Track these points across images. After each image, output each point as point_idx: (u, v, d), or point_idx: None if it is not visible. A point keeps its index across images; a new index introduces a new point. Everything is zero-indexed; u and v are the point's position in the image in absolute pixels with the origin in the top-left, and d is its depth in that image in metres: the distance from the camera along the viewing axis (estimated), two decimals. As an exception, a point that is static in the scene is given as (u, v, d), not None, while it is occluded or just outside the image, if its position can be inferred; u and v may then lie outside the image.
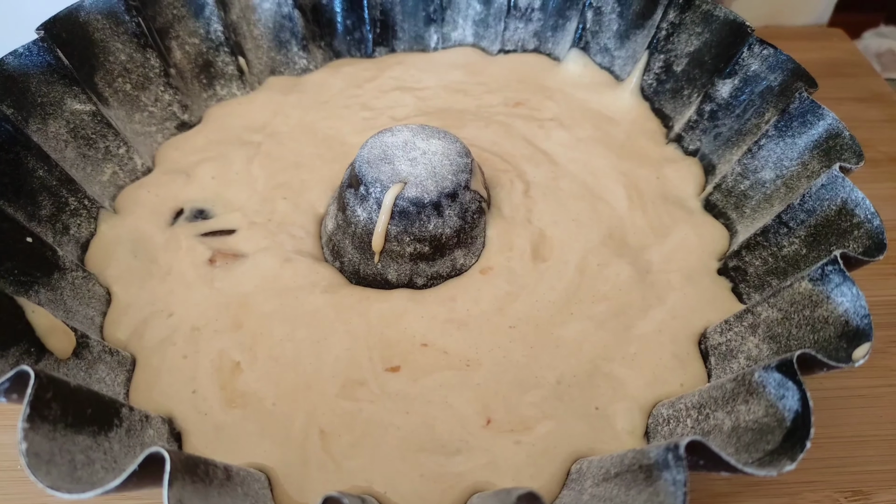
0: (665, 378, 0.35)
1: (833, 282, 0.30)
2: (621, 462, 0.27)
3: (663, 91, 0.48)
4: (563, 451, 0.32)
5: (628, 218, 0.42)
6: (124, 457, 0.27)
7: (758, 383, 0.28)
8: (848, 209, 0.33)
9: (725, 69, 0.43)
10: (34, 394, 0.23)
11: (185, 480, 0.23)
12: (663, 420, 0.33)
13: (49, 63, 0.38)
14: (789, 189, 0.38)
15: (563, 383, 0.35)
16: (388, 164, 0.38)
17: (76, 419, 0.25)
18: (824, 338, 0.30)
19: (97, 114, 0.41)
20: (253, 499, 0.28)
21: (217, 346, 0.36)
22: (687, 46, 0.46)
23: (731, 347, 0.35)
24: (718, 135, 0.44)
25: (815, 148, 0.37)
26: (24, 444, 0.22)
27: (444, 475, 0.31)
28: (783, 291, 0.33)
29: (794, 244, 0.36)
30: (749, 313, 0.35)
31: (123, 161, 0.43)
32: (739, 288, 0.39)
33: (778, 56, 0.41)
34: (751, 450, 0.27)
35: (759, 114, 0.42)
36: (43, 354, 0.31)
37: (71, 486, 0.23)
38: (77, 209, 0.39)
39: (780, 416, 0.27)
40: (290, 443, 0.32)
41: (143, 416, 0.30)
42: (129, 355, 0.35)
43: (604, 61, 0.51)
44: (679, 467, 0.23)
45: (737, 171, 0.42)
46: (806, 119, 0.38)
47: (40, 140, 0.37)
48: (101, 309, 0.37)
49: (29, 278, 0.33)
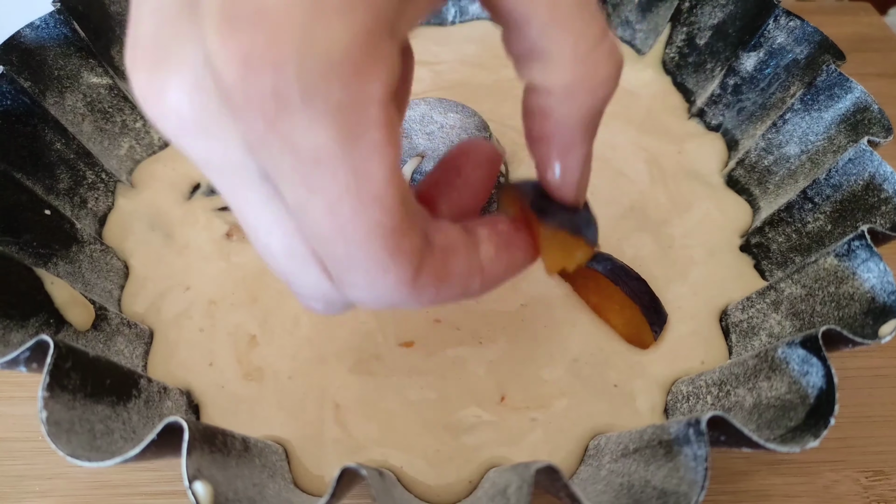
0: (685, 355, 0.35)
1: (859, 257, 0.30)
2: (640, 438, 0.27)
3: (686, 65, 0.47)
4: (581, 427, 0.32)
5: (649, 193, 0.41)
6: (143, 427, 0.27)
7: (781, 359, 0.28)
8: (875, 184, 0.32)
9: (750, 42, 0.42)
10: (53, 363, 0.23)
11: (203, 450, 0.23)
12: (682, 397, 0.32)
13: (66, 36, 0.38)
14: (814, 164, 0.38)
15: (580, 361, 0.34)
16: (406, 137, 0.38)
17: (95, 389, 0.26)
18: (849, 314, 0.30)
19: (114, 87, 0.41)
20: (270, 470, 0.28)
21: (233, 319, 0.36)
22: (711, 19, 0.45)
23: (753, 324, 0.34)
24: (742, 109, 0.43)
25: (842, 122, 0.36)
26: (45, 413, 0.23)
27: (461, 450, 0.31)
28: (807, 267, 0.32)
29: (818, 220, 0.35)
30: (772, 290, 0.34)
31: (140, 135, 0.43)
32: (762, 265, 0.38)
33: (805, 28, 0.39)
34: (773, 426, 0.27)
35: (784, 87, 0.41)
36: (62, 326, 0.31)
37: (91, 454, 0.23)
38: (94, 183, 0.39)
39: (804, 393, 0.26)
40: (305, 416, 0.32)
41: (161, 387, 0.30)
42: (147, 328, 0.35)
43: (625, 35, 0.50)
44: (700, 443, 0.23)
45: (760, 147, 0.41)
46: (833, 92, 0.37)
47: (58, 113, 0.37)
48: (118, 282, 0.37)
49: (48, 251, 0.33)
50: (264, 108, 0.15)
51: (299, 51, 0.14)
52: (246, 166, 0.17)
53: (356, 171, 0.16)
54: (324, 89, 0.15)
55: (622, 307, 0.35)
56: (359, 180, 0.16)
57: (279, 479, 0.29)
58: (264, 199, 0.18)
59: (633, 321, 0.34)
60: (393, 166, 0.17)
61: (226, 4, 0.15)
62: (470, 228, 0.22)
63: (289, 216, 0.18)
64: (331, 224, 0.17)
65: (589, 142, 0.21)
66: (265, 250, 0.19)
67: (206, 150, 0.17)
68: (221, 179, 0.18)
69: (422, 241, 0.19)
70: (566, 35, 0.18)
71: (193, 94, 0.16)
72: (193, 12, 0.16)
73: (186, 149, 0.18)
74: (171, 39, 0.16)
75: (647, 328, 0.34)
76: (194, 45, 0.16)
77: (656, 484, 0.24)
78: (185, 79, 0.16)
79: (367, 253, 0.17)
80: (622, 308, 0.35)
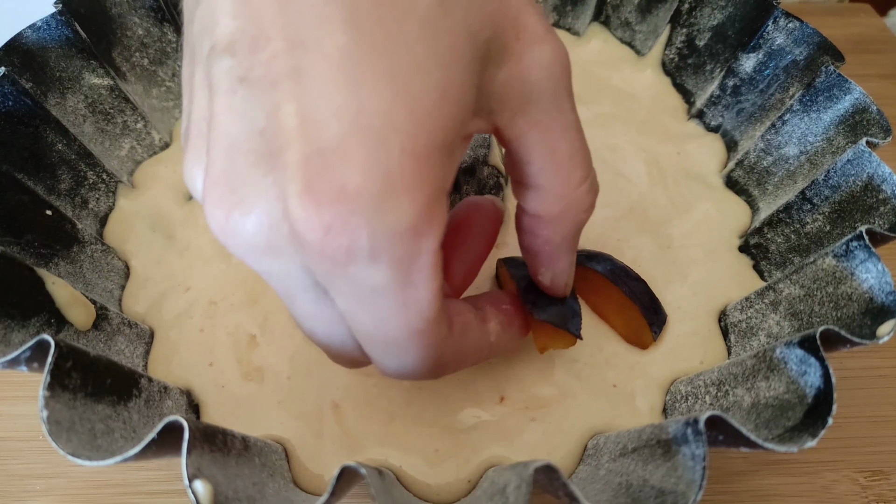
0: (684, 355, 0.35)
1: (858, 258, 0.30)
2: (639, 437, 0.27)
3: (685, 66, 0.47)
4: (580, 427, 0.32)
5: (649, 194, 0.42)
6: (143, 427, 0.27)
7: (779, 359, 0.28)
8: (874, 185, 0.33)
9: (749, 43, 0.42)
10: (54, 362, 0.24)
11: (203, 449, 0.23)
12: (681, 397, 0.32)
13: (67, 37, 0.38)
14: (813, 165, 0.38)
15: (579, 361, 0.34)
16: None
17: (96, 388, 0.26)
18: (847, 315, 0.30)
19: (115, 88, 0.41)
20: (270, 469, 0.29)
21: (234, 320, 0.36)
22: (710, 20, 0.45)
23: (752, 325, 0.34)
24: (741, 110, 0.43)
25: (841, 123, 0.37)
26: (45, 412, 0.23)
27: (460, 450, 0.32)
28: (806, 268, 0.32)
29: (817, 221, 0.35)
30: (770, 290, 0.34)
31: (141, 136, 0.43)
32: (761, 265, 0.38)
33: (804, 29, 0.40)
34: (771, 426, 0.27)
35: (783, 88, 0.41)
36: (63, 326, 0.31)
37: (91, 453, 0.23)
38: (96, 183, 0.39)
39: (802, 393, 0.26)
40: (304, 416, 0.32)
41: (161, 387, 0.31)
42: (148, 328, 0.35)
43: (624, 36, 0.50)
44: (699, 442, 0.23)
45: (759, 148, 0.41)
46: (832, 93, 0.37)
47: (59, 114, 0.38)
48: (119, 282, 0.37)
49: (49, 251, 0.33)
50: (335, 260, 0.18)
51: (371, 223, 0.18)
52: (302, 278, 0.20)
53: (405, 301, 0.19)
54: (388, 250, 0.18)
55: (622, 307, 0.35)
56: (407, 306, 0.20)
57: (279, 478, 0.29)
58: (314, 298, 0.21)
59: (632, 321, 0.35)
60: (436, 291, 0.20)
61: (309, 180, 0.17)
62: (479, 306, 0.25)
63: (334, 313, 0.21)
64: (376, 331, 0.20)
65: (572, 252, 0.25)
66: (310, 331, 0.23)
67: (270, 267, 0.20)
68: (278, 283, 0.21)
69: (447, 329, 0.22)
70: (560, 177, 0.22)
71: (270, 233, 0.19)
72: (271, 168, 0.18)
73: (252, 264, 0.20)
74: (247, 185, 0.18)
75: (647, 328, 0.34)
76: (271, 198, 0.18)
77: (654, 483, 0.24)
78: (263, 221, 0.18)
79: (404, 350, 0.21)
80: (622, 308, 0.35)
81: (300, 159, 0.17)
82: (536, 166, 0.22)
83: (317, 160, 0.17)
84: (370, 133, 0.17)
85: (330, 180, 0.17)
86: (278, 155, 0.18)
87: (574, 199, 0.23)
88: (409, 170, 0.17)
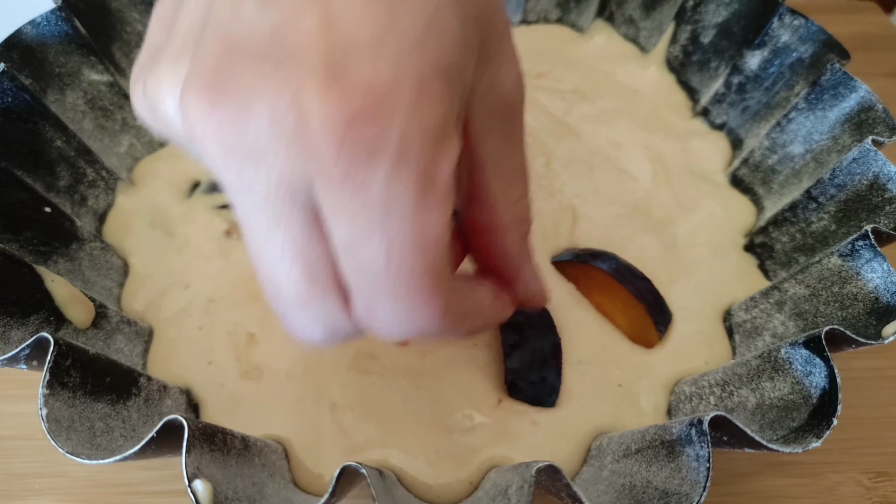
0: (689, 355, 0.34)
1: (863, 258, 0.30)
2: (643, 438, 0.27)
3: (690, 63, 0.47)
4: (583, 428, 0.32)
5: (653, 192, 0.41)
6: (142, 426, 0.27)
7: (784, 360, 0.28)
8: (880, 183, 0.32)
9: (754, 40, 0.42)
10: (53, 361, 0.23)
11: (202, 448, 0.23)
12: (686, 397, 0.32)
13: (66, 33, 0.38)
14: (819, 164, 0.37)
15: (583, 362, 0.34)
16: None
17: (95, 387, 0.25)
18: (853, 315, 0.29)
19: (114, 84, 0.41)
20: (270, 469, 0.28)
21: (233, 318, 0.35)
22: (715, 17, 0.45)
23: (757, 325, 0.34)
24: (746, 108, 0.43)
25: (847, 121, 0.36)
26: (45, 410, 0.23)
27: (460, 451, 0.31)
28: (811, 267, 0.32)
29: (822, 220, 0.35)
30: (776, 290, 0.34)
31: (140, 132, 0.43)
32: (766, 265, 0.38)
33: (809, 27, 0.39)
34: (775, 427, 0.26)
35: (788, 86, 0.40)
36: (62, 324, 0.31)
37: (90, 452, 0.23)
38: (95, 180, 0.39)
39: (807, 393, 0.26)
40: (303, 415, 0.32)
41: (160, 386, 0.30)
42: (147, 326, 0.35)
43: (629, 32, 0.50)
44: (702, 443, 0.22)
45: (765, 146, 0.40)
46: (837, 91, 0.37)
47: (58, 110, 0.37)
48: (118, 280, 0.37)
49: (48, 248, 0.33)
50: (353, 159, 0.17)
51: (405, 120, 0.17)
52: (287, 196, 0.18)
53: (421, 222, 0.18)
54: (416, 153, 0.17)
55: (627, 306, 0.34)
56: (422, 229, 0.18)
57: (279, 477, 0.29)
58: (298, 225, 0.19)
59: (637, 320, 0.34)
60: (448, 222, 0.19)
61: (333, 71, 0.17)
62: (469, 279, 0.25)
63: (323, 245, 0.19)
64: (386, 262, 0.18)
65: (530, 260, 0.26)
66: (272, 272, 0.19)
67: (252, 174, 0.18)
68: (250, 202, 0.19)
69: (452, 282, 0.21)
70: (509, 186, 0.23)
71: (269, 129, 0.17)
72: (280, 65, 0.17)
73: (223, 171, 0.18)
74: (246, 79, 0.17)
75: (652, 327, 0.34)
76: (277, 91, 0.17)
77: (658, 484, 0.24)
78: (262, 115, 0.17)
79: (414, 290, 0.19)
80: (627, 307, 0.34)
81: (322, 55, 0.17)
82: (489, 175, 0.23)
83: (341, 56, 0.17)
84: (405, 37, 0.17)
85: (358, 73, 0.17)
86: (292, 54, 0.17)
87: (519, 209, 0.24)
88: (437, 80, 0.18)
